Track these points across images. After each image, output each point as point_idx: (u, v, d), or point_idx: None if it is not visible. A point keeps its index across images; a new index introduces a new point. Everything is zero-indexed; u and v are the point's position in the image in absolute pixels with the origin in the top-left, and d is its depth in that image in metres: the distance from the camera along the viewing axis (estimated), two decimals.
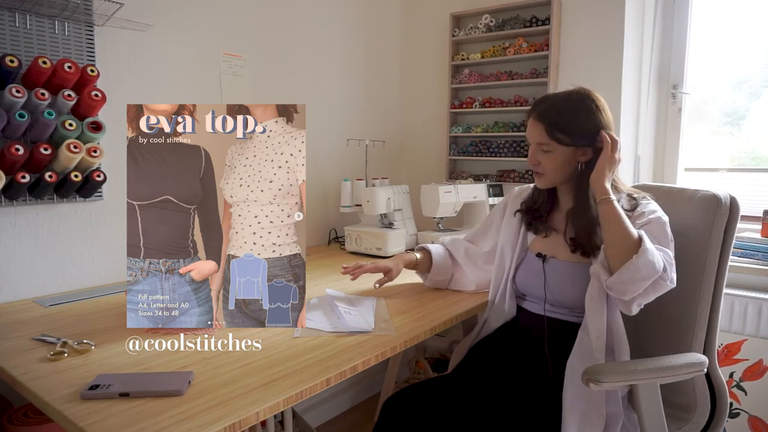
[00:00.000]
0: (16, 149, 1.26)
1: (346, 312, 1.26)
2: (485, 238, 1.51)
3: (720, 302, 1.25)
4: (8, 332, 1.15)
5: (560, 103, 1.22)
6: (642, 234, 1.10)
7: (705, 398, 1.24)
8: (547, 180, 1.27)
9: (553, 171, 1.24)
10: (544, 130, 1.21)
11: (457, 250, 1.52)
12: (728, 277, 1.27)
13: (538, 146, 1.24)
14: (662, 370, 1.07)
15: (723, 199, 1.24)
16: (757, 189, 2.09)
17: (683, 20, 2.13)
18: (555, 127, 1.20)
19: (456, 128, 2.45)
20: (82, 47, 1.45)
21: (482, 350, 1.38)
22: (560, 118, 1.20)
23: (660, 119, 2.22)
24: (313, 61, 2.21)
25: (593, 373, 1.05)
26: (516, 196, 1.44)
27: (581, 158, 1.22)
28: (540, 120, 1.22)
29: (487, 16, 2.28)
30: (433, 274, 1.51)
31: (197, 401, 0.84)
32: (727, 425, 1.83)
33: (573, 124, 1.19)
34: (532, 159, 1.26)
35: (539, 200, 1.35)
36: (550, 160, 1.23)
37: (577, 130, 1.19)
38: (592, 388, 1.05)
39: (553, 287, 1.26)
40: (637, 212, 1.19)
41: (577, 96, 1.22)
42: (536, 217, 1.34)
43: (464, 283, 1.51)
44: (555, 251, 1.29)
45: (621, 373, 1.07)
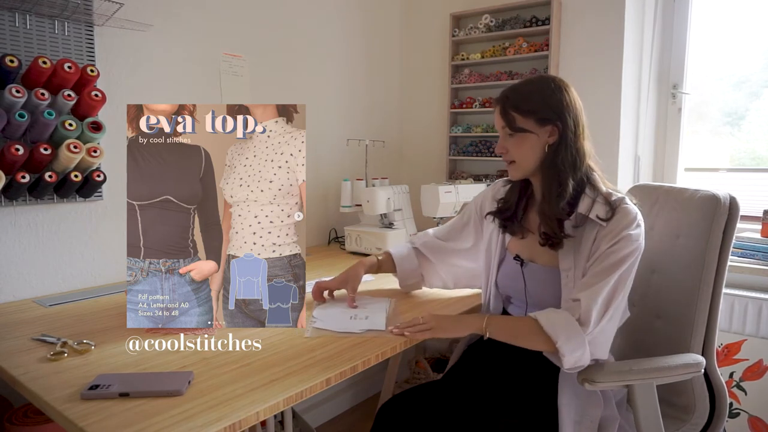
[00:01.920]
0: (16, 149, 1.26)
1: (354, 317, 1.25)
2: (461, 235, 1.44)
3: (719, 302, 1.25)
4: (8, 332, 1.15)
5: (521, 85, 1.20)
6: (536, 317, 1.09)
7: (704, 399, 1.24)
8: (518, 168, 1.20)
9: (522, 157, 1.17)
10: (505, 110, 1.17)
11: (427, 246, 1.46)
12: (728, 277, 1.27)
13: (503, 131, 1.19)
14: (658, 371, 1.07)
15: (723, 199, 1.23)
16: (757, 189, 2.08)
17: (683, 20, 2.13)
18: (514, 106, 1.16)
19: (456, 128, 2.45)
20: (82, 47, 1.45)
21: (474, 353, 1.36)
22: (519, 97, 1.17)
23: (660, 119, 2.22)
24: (313, 61, 2.21)
25: (588, 373, 1.05)
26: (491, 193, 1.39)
27: (549, 140, 1.16)
28: (500, 102, 1.19)
29: (487, 16, 2.28)
30: (401, 275, 1.46)
31: (197, 401, 0.84)
32: (727, 425, 1.83)
33: (532, 102, 1.15)
34: (500, 148, 1.21)
35: (511, 199, 1.28)
36: (516, 145, 1.17)
37: (538, 107, 1.14)
38: (587, 387, 1.05)
39: (532, 292, 1.22)
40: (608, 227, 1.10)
41: (538, 78, 1.20)
42: (509, 218, 1.27)
43: (439, 281, 1.46)
44: (532, 254, 1.24)
45: (616, 373, 1.07)
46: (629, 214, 1.11)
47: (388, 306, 1.34)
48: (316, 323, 1.20)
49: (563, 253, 1.15)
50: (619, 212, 1.11)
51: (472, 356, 1.36)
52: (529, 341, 1.10)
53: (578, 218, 1.14)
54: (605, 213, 1.11)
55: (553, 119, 1.14)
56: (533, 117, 1.15)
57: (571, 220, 1.15)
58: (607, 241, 1.10)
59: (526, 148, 1.16)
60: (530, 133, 1.15)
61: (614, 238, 1.09)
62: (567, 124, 1.14)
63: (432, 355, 2.38)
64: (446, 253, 1.44)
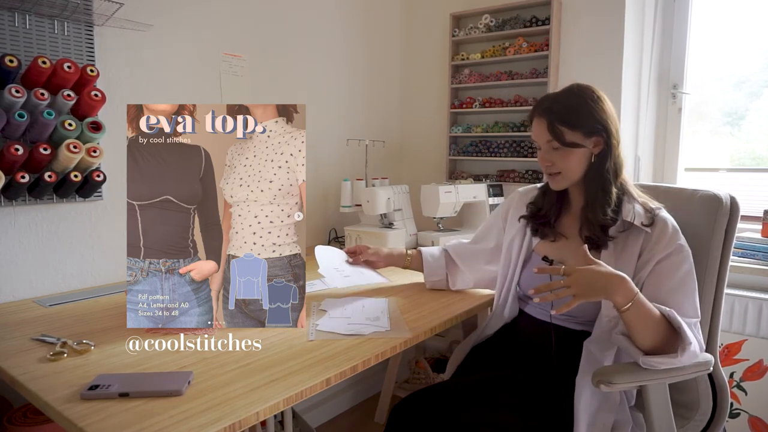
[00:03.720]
0: (15, 149, 1.26)
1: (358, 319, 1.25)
2: (486, 238, 1.50)
3: (721, 302, 1.25)
4: (8, 332, 1.15)
5: (562, 98, 1.20)
6: (681, 325, 1.02)
7: (708, 396, 1.24)
8: (563, 180, 1.21)
9: (569, 169, 1.19)
10: (552, 125, 1.17)
11: (456, 251, 1.52)
12: (728, 277, 1.27)
13: (548, 144, 1.20)
14: (673, 370, 1.07)
15: (724, 199, 1.24)
16: (757, 189, 2.08)
17: (683, 20, 2.12)
18: (561, 120, 1.17)
19: (456, 128, 2.44)
20: (82, 47, 1.45)
21: (485, 353, 1.36)
22: (566, 111, 1.18)
23: (660, 119, 2.22)
24: (313, 61, 2.21)
25: (604, 375, 1.04)
26: (520, 198, 1.41)
27: (594, 150, 1.19)
28: (545, 116, 1.19)
29: (487, 16, 2.28)
30: (427, 274, 1.52)
31: (197, 401, 0.84)
32: (727, 425, 1.83)
33: (580, 115, 1.17)
34: (544, 160, 1.21)
35: (545, 205, 1.30)
36: (563, 157, 1.19)
37: (585, 121, 1.17)
38: (603, 389, 1.03)
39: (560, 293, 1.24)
40: (655, 236, 1.14)
41: (577, 89, 1.21)
42: (544, 223, 1.29)
43: (462, 283, 1.51)
44: (563, 256, 1.25)
45: (633, 373, 1.05)
46: (670, 222, 1.16)
47: (388, 306, 1.34)
48: (319, 326, 1.19)
49: (605, 255, 1.17)
50: (660, 220, 1.16)
51: (479, 357, 1.36)
52: (651, 336, 1.04)
53: (623, 224, 1.18)
54: (648, 220, 1.16)
55: (599, 131, 1.17)
56: (581, 130, 1.17)
57: (617, 227, 1.18)
58: (659, 250, 1.13)
59: (574, 160, 1.19)
60: (580, 146, 1.18)
61: (667, 247, 1.13)
62: (611, 133, 1.18)
63: (432, 355, 2.38)
64: (472, 256, 1.50)
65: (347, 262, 1.52)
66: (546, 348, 1.23)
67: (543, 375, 1.21)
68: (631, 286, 1.01)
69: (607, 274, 1.01)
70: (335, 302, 1.36)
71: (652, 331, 1.04)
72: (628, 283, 1.01)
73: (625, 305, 1.01)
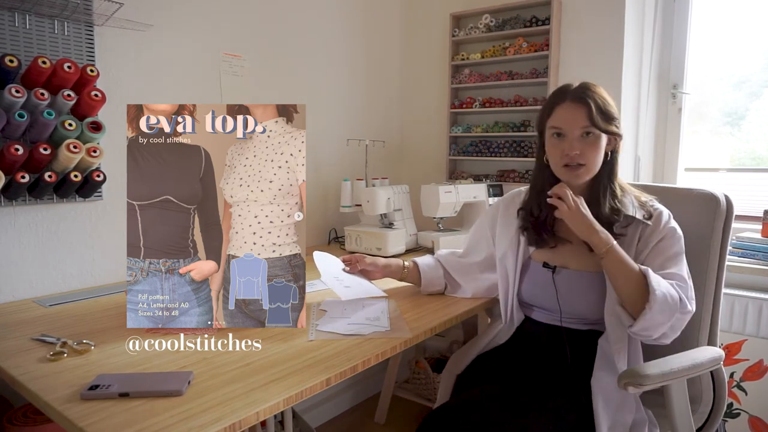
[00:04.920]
0: (15, 149, 1.26)
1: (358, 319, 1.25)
2: (475, 251, 1.47)
3: (720, 300, 1.26)
4: (8, 332, 1.15)
5: (596, 89, 1.19)
6: (647, 274, 1.09)
7: (709, 389, 1.26)
8: (586, 172, 1.18)
9: (594, 161, 1.17)
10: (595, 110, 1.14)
11: (450, 265, 1.47)
12: (728, 277, 1.29)
13: (581, 131, 1.15)
14: (695, 367, 1.09)
15: (721, 198, 1.25)
16: (757, 189, 2.08)
17: (683, 20, 2.13)
18: (600, 110, 1.15)
19: (456, 128, 2.45)
20: (82, 47, 1.45)
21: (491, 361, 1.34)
22: (603, 102, 1.17)
23: (660, 119, 2.22)
24: (313, 61, 2.21)
25: (632, 377, 1.03)
26: (506, 206, 1.38)
27: (608, 147, 1.20)
28: (585, 101, 1.14)
29: (487, 16, 2.28)
30: (425, 286, 1.46)
31: (197, 401, 0.84)
32: (727, 425, 1.83)
33: (613, 109, 1.18)
34: (572, 148, 1.15)
35: (539, 212, 1.27)
36: (593, 148, 1.16)
37: (615, 114, 1.18)
38: (631, 391, 1.03)
39: (567, 299, 1.22)
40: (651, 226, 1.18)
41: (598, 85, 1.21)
42: (543, 231, 1.27)
43: (460, 292, 1.47)
44: (565, 260, 1.24)
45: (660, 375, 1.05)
46: (663, 211, 1.21)
47: (388, 306, 1.34)
48: (319, 326, 1.19)
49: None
50: (655, 212, 1.20)
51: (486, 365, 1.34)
52: (628, 287, 1.10)
53: (626, 219, 1.19)
54: (647, 213, 1.20)
55: (619, 127, 1.20)
56: (614, 124, 1.18)
57: (621, 222, 1.19)
58: (655, 236, 1.17)
59: (600, 152, 1.19)
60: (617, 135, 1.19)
61: (661, 233, 1.17)
62: (621, 132, 1.20)
63: (432, 355, 2.38)
64: (466, 271, 1.46)
65: (344, 271, 1.47)
66: (559, 350, 1.22)
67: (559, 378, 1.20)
68: (607, 235, 1.13)
69: (593, 221, 1.15)
70: (335, 302, 1.36)
71: (632, 282, 1.09)
72: (605, 233, 1.13)
73: (602, 248, 1.11)
